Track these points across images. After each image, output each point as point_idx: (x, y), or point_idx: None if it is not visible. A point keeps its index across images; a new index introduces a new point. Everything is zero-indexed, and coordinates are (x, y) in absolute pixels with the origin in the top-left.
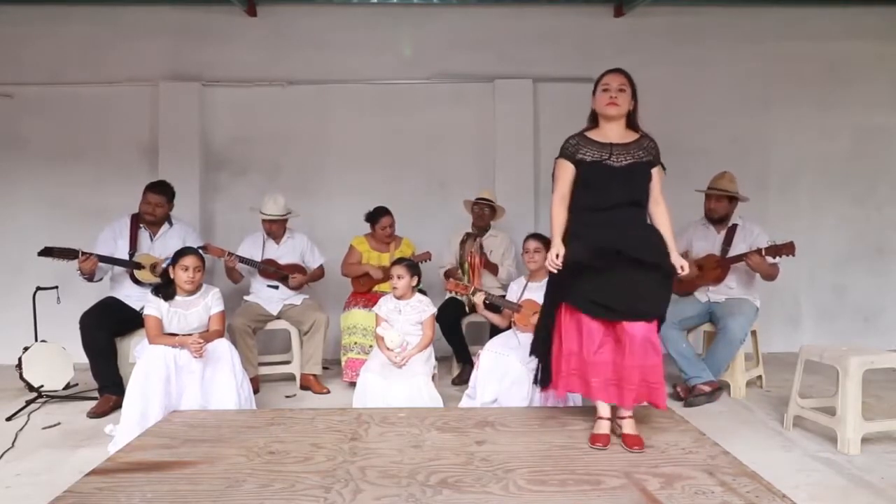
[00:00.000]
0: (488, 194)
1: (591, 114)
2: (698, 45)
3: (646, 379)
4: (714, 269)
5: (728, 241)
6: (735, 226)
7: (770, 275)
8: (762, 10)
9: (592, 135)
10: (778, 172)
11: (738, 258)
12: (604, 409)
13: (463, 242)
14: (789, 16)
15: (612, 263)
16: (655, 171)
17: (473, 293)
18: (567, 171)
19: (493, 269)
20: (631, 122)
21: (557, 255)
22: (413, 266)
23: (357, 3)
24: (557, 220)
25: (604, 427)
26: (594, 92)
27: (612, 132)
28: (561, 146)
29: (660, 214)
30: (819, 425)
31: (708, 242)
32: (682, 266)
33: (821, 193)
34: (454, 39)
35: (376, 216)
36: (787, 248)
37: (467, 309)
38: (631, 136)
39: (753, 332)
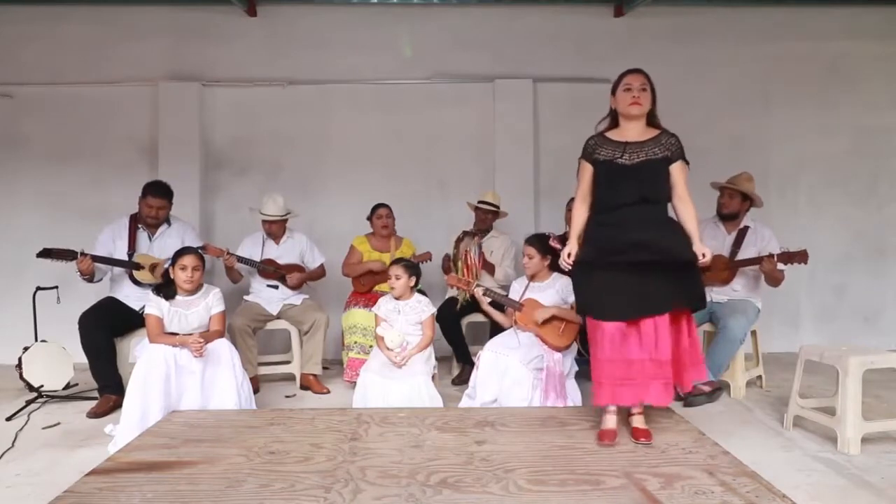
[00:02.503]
0: (492, 196)
1: (611, 113)
2: (698, 45)
3: (682, 361)
4: (722, 270)
5: (738, 244)
6: (746, 228)
7: (777, 280)
8: (762, 10)
9: (611, 134)
10: (778, 172)
11: (750, 262)
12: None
13: (459, 240)
14: (789, 16)
15: (620, 263)
16: (677, 167)
17: (474, 287)
18: (587, 171)
19: (490, 268)
20: (651, 120)
21: (569, 255)
22: (411, 266)
23: (357, 3)
24: (576, 220)
25: (611, 422)
26: (613, 92)
27: (632, 131)
28: (583, 147)
29: (684, 210)
30: (819, 425)
31: (717, 242)
32: (703, 254)
33: (821, 193)
34: (454, 39)
35: (374, 210)
36: (801, 257)
37: (460, 305)
38: (650, 134)
39: (753, 332)
